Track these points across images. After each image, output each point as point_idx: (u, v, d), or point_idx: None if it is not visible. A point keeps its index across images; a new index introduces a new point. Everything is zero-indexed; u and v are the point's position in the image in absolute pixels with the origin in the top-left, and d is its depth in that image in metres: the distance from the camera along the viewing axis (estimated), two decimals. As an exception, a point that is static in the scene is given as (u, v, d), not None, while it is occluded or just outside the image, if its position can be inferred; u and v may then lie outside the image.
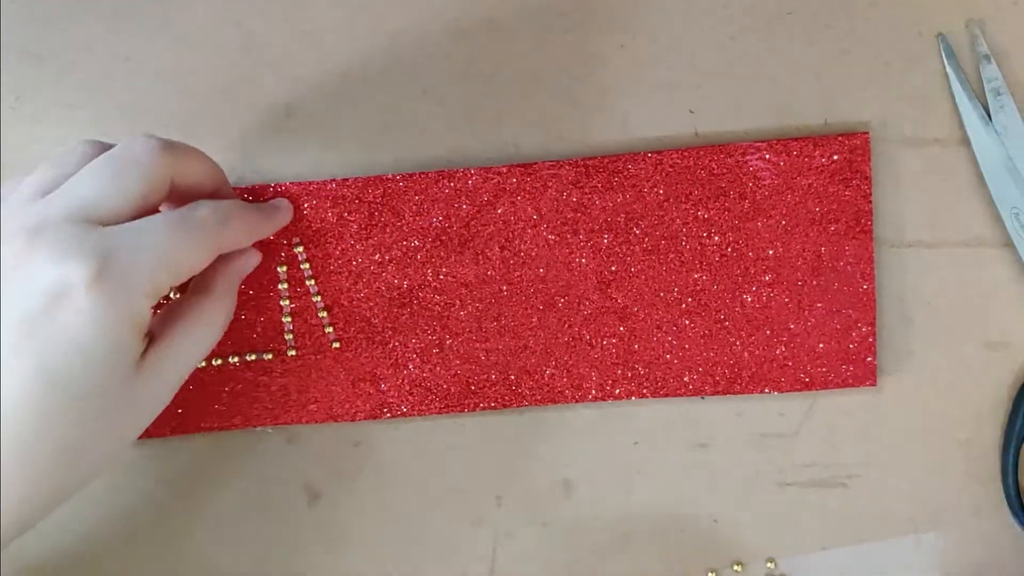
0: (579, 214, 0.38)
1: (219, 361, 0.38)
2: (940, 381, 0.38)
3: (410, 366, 0.38)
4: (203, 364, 0.38)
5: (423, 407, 0.38)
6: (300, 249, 0.38)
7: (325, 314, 0.38)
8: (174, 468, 0.40)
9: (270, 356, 0.38)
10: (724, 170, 0.37)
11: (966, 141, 0.37)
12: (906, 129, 0.38)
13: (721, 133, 0.38)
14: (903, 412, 0.39)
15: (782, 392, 0.38)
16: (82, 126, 0.38)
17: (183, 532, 0.40)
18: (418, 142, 0.38)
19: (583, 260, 0.38)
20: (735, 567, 0.39)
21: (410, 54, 0.38)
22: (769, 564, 0.39)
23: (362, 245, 0.38)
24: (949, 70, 0.37)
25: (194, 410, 0.39)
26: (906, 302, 0.38)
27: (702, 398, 0.39)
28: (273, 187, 0.38)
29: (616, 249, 0.38)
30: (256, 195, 0.38)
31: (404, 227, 0.38)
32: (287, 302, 0.38)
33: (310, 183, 0.38)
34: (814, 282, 0.37)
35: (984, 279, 0.38)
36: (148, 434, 0.38)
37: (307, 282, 0.38)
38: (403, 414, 0.39)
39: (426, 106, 0.38)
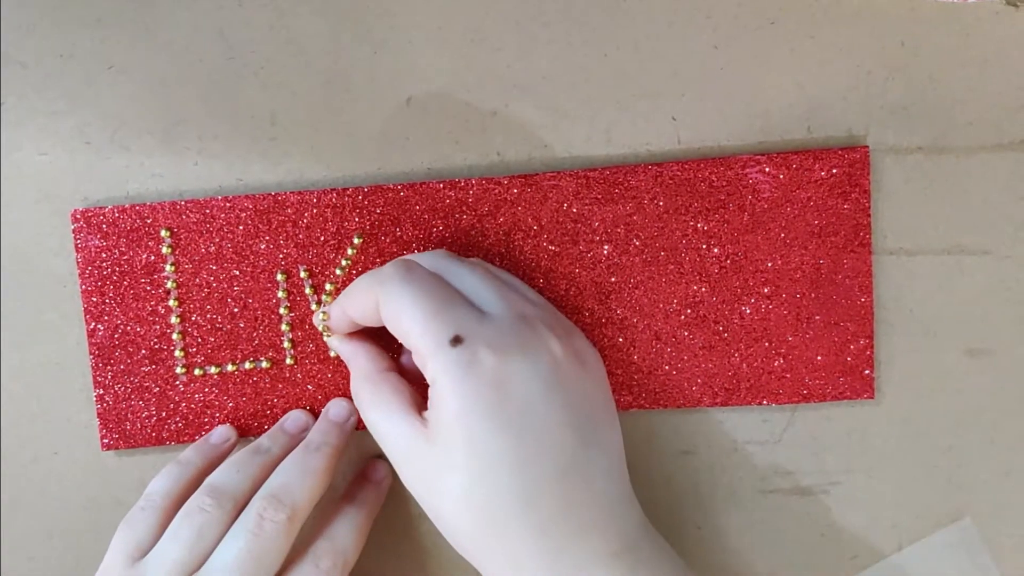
0: (579, 225, 0.38)
1: (216, 369, 0.38)
2: (922, 388, 0.39)
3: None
4: (200, 373, 0.38)
5: None
6: (299, 257, 0.38)
7: (324, 323, 0.38)
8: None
9: (267, 364, 0.38)
10: (724, 183, 0.37)
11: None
12: (888, 138, 0.38)
13: (704, 141, 0.38)
14: (886, 419, 0.39)
15: (780, 404, 0.38)
16: (65, 134, 0.38)
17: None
18: (402, 151, 0.38)
19: (583, 271, 0.38)
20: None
21: (394, 63, 0.38)
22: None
23: (362, 254, 0.38)
24: None
25: (190, 419, 0.38)
26: (888, 310, 0.38)
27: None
28: (273, 196, 0.38)
29: (616, 260, 0.38)
30: (255, 204, 0.37)
31: (404, 236, 0.38)
32: (286, 311, 0.38)
33: (309, 192, 0.37)
34: (812, 295, 0.38)
35: (965, 287, 0.38)
36: (135, 443, 0.38)
37: (306, 291, 0.38)
38: None
39: (410, 115, 0.38)
